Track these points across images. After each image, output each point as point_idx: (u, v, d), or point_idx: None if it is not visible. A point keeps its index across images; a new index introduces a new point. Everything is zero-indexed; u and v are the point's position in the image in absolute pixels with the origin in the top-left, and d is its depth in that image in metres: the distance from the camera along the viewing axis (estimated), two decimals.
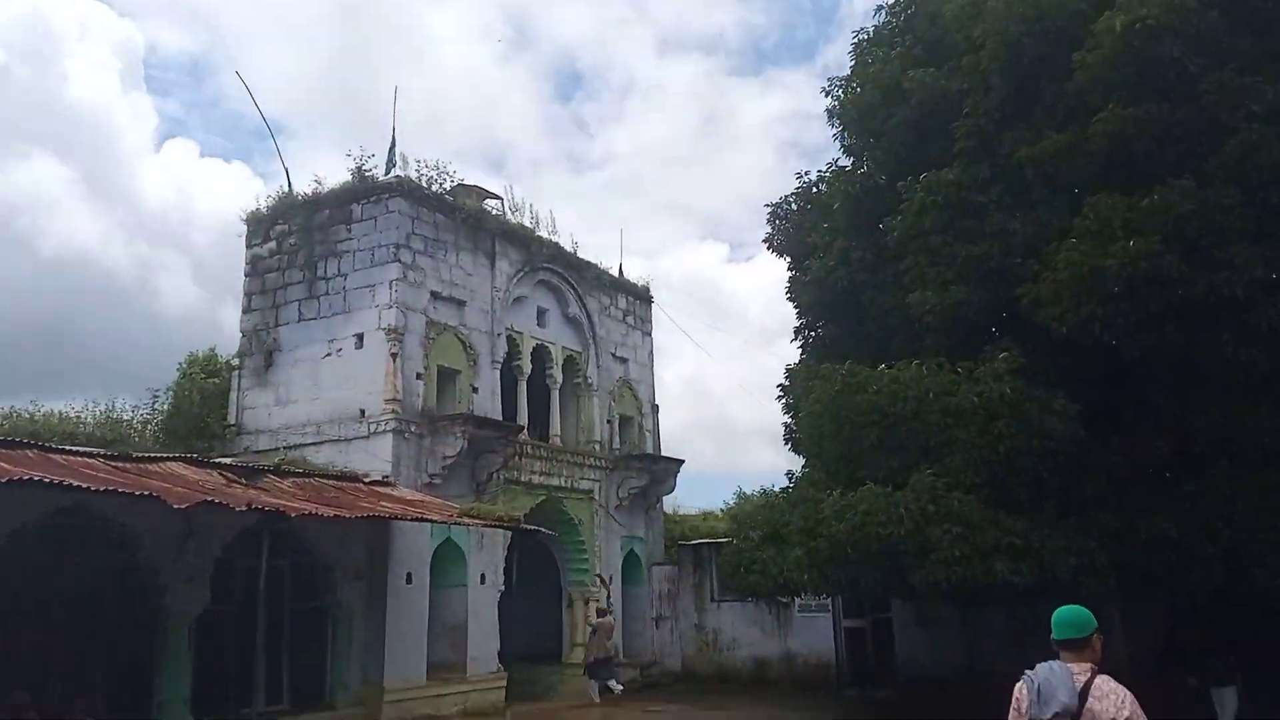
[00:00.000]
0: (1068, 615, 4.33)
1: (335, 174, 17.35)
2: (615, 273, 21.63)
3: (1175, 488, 11.43)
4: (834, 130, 16.93)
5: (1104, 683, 4.13)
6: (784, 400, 16.14)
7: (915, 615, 17.57)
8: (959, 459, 11.54)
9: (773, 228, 17.66)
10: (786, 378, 16.20)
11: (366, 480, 14.75)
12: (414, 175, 17.15)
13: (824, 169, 17.14)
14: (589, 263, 20.59)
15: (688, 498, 26.49)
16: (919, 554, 11.14)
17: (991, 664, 15.21)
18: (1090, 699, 4.07)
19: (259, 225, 17.77)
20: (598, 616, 17.36)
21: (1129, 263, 10.29)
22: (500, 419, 17.10)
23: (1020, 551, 10.82)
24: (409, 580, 15.17)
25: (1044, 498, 11.54)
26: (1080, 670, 4.19)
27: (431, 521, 14.10)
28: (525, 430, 18.02)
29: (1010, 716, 4.32)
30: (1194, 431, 11.12)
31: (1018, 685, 4.32)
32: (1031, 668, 4.34)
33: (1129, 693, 4.10)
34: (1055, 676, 4.18)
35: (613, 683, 16.71)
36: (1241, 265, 10.04)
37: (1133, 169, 11.13)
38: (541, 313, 19.41)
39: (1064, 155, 11.71)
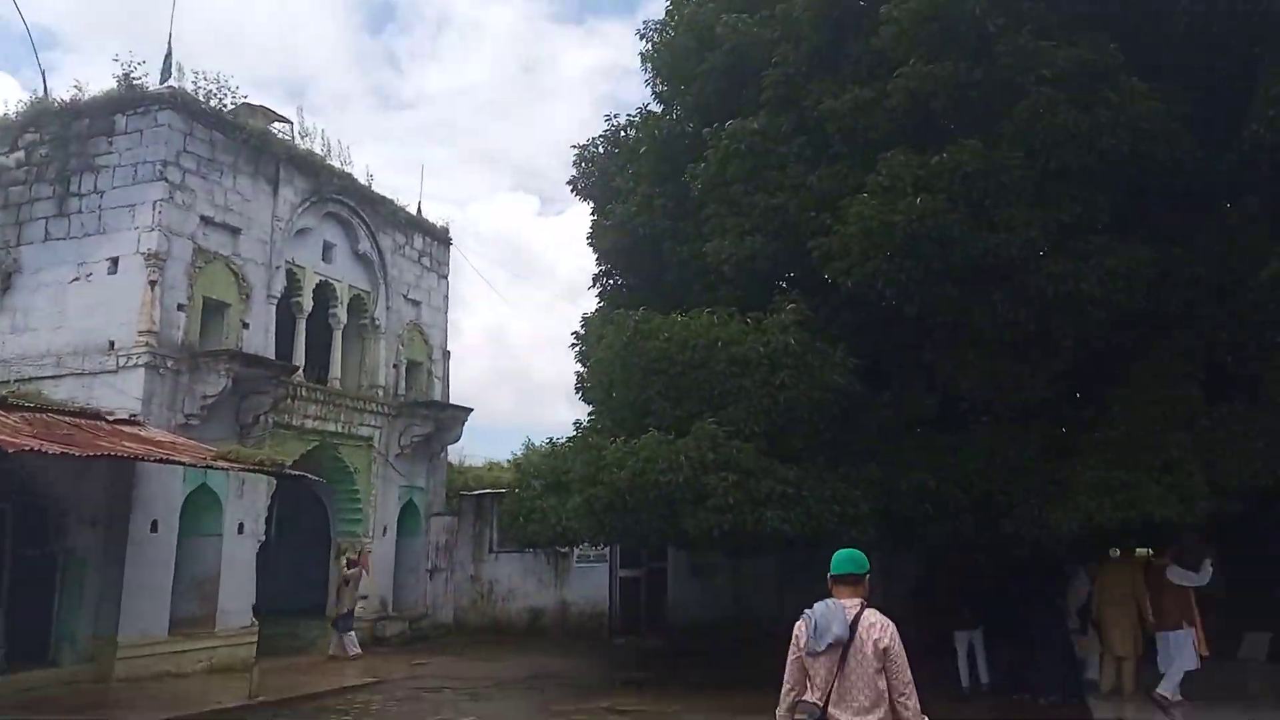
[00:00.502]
0: (848, 554, 4.85)
1: (104, 84, 15.62)
2: (414, 211, 20.53)
3: (939, 442, 11.74)
4: (646, 75, 16.57)
5: (871, 614, 4.64)
6: (578, 349, 15.67)
7: (689, 565, 17.86)
8: (741, 408, 11.47)
9: (578, 171, 17.09)
10: (582, 326, 15.74)
11: (110, 418, 13.35)
12: (191, 88, 15.61)
13: (634, 113, 16.74)
14: (384, 198, 19.44)
15: (481, 450, 25.89)
16: (695, 501, 11.03)
17: (758, 611, 16.11)
18: (859, 628, 4.59)
19: (6, 133, 15.84)
20: (348, 568, 16.52)
21: (915, 219, 10.34)
22: (273, 358, 15.89)
23: (791, 500, 10.88)
24: (154, 528, 13.90)
25: (818, 448, 11.64)
26: (851, 605, 4.68)
27: (181, 464, 12.89)
28: (301, 371, 16.83)
29: (790, 651, 4.75)
30: (961, 388, 11.43)
31: (798, 623, 4.72)
32: (797, 613, 4.77)
33: (891, 623, 4.63)
34: (830, 612, 4.65)
35: (349, 639, 16.07)
36: (1020, 227, 10.24)
37: (929, 127, 11.21)
38: (328, 247, 18.17)
39: (864, 110, 11.67)
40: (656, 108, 16.38)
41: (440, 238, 21.27)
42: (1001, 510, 11.08)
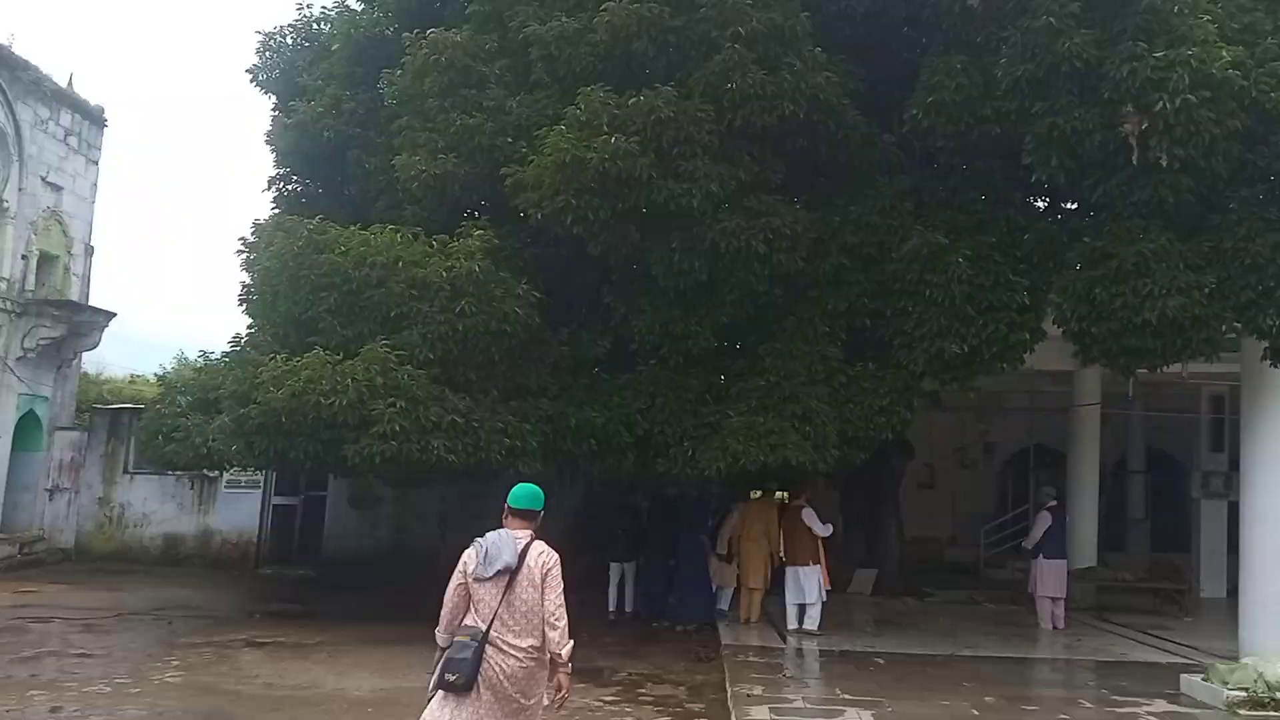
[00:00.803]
0: (527, 489, 5.06)
1: None
2: (63, 83, 17.86)
3: (608, 382, 12.03)
4: None
5: (538, 545, 4.90)
6: (245, 256, 14.37)
7: (350, 494, 17.37)
8: (417, 333, 11.06)
9: (261, 60, 15.57)
10: (253, 232, 14.45)
11: None
12: None
13: (329, 7, 15.49)
14: (26, 62, 16.74)
15: (128, 362, 23.35)
16: (359, 427, 10.51)
17: (420, 545, 16.14)
18: (527, 557, 4.83)
19: None
20: None
21: (607, 158, 10.35)
22: None
23: (461, 430, 10.67)
24: None
25: (493, 379, 11.52)
26: (522, 535, 4.90)
27: None
28: None
29: (455, 577, 4.90)
30: (634, 331, 11.74)
31: (468, 550, 4.90)
32: (460, 547, 4.97)
33: (556, 553, 4.93)
34: (502, 541, 4.86)
35: None
36: (702, 179, 10.53)
37: (630, 68, 11.20)
38: None
39: (569, 41, 11.47)
40: (356, 4, 15.27)
41: (94, 118, 18.72)
42: (660, 450, 11.56)
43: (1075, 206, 11.69)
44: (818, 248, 11.11)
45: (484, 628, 4.73)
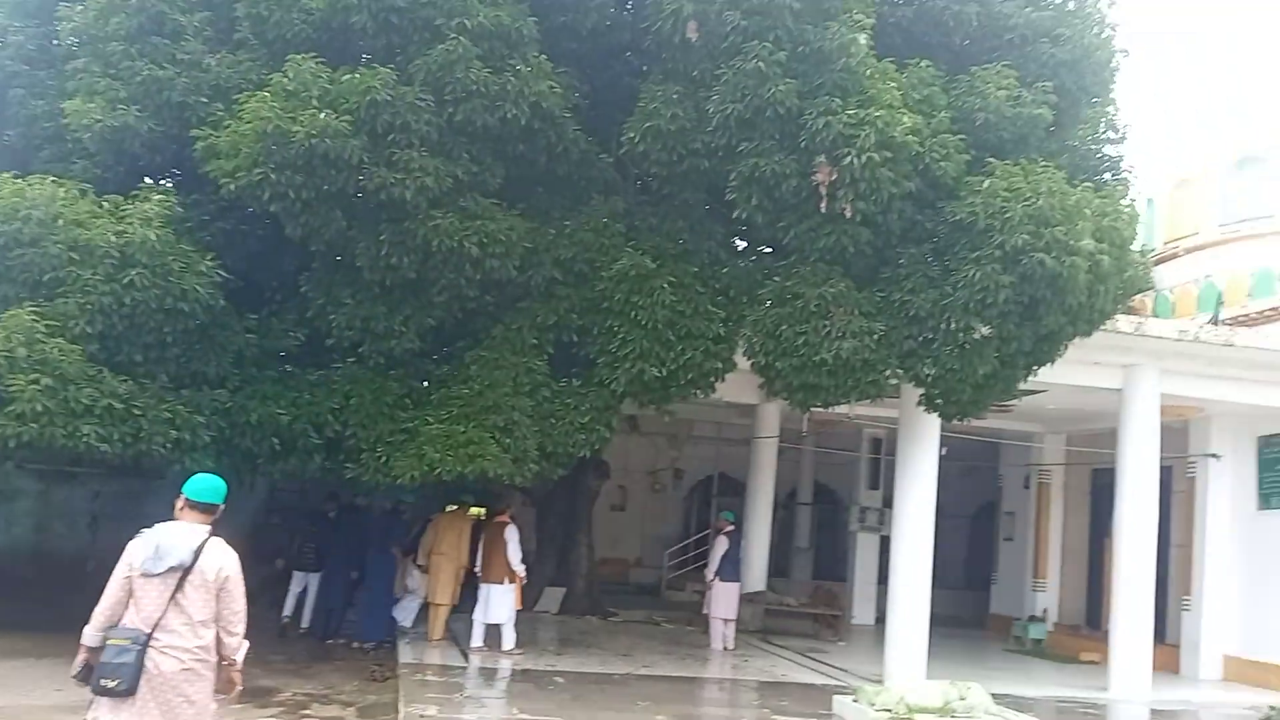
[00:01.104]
0: (208, 480, 4.85)
1: None
2: None
3: (299, 377, 11.23)
4: None
5: (216, 543, 4.72)
6: None
7: None
8: (75, 302, 9.83)
9: None
10: None
11: None
12: None
13: None
14: None
15: None
16: None
17: (65, 545, 14.92)
18: (203, 556, 4.62)
19: None
20: None
21: (314, 135, 9.67)
22: None
23: (118, 417, 9.59)
24: None
25: (162, 364, 10.44)
26: (200, 531, 4.71)
27: None
28: None
29: (120, 570, 4.59)
30: (332, 326, 11.04)
31: (134, 542, 4.63)
32: (110, 549, 4.81)
33: (234, 554, 4.78)
34: (177, 535, 4.63)
35: None
36: (417, 171, 10.07)
37: (348, 45, 10.60)
38: None
39: (281, 4, 10.60)
40: None
41: None
42: (351, 454, 10.94)
43: (771, 250, 12.46)
44: (531, 257, 10.99)
45: (146, 630, 4.47)
